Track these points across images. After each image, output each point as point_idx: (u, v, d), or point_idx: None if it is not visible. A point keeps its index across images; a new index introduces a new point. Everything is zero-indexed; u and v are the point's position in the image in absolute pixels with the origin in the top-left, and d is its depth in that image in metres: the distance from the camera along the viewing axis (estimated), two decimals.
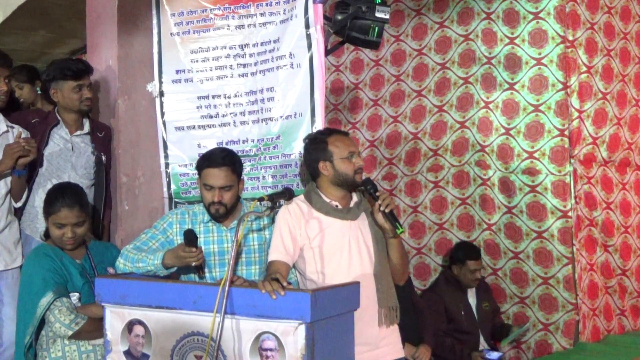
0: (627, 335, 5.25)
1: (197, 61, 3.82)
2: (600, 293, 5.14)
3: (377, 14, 3.83)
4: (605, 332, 5.14)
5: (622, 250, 5.33)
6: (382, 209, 2.95)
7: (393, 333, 3.08)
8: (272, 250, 2.98)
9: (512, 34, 5.03)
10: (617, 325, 5.27)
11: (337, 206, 3.03)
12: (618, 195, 5.34)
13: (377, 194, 2.99)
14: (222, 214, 3.08)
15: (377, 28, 3.86)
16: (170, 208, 3.81)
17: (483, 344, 4.66)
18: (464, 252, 4.81)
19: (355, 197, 3.12)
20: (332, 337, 2.70)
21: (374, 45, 4.00)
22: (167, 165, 3.83)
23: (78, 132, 3.83)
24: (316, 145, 3.07)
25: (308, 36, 3.63)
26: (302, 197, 3.09)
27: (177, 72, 3.84)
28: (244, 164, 3.31)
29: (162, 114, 3.85)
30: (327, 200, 3.03)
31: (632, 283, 5.39)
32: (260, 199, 2.95)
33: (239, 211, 3.15)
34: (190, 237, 2.83)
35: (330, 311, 2.66)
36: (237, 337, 2.61)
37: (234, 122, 3.75)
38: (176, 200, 3.81)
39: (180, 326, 2.72)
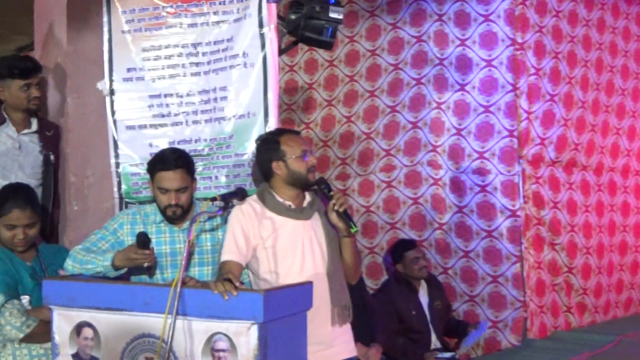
0: (573, 331, 5.37)
1: (149, 59, 3.77)
2: (547, 290, 5.25)
3: (331, 14, 3.84)
4: (552, 328, 5.25)
5: (568, 249, 5.46)
6: (336, 208, 2.97)
7: (346, 332, 3.10)
8: (225, 251, 2.97)
9: (463, 35, 5.10)
10: (564, 322, 5.40)
11: (290, 206, 3.03)
12: (565, 195, 5.47)
13: (331, 193, 3.00)
14: (179, 215, 3.05)
15: (330, 28, 3.87)
16: (121, 208, 3.75)
17: (435, 343, 4.70)
18: (400, 247, 4.85)
19: (308, 197, 3.12)
20: (285, 337, 2.70)
21: (328, 46, 4.01)
22: (117, 164, 3.77)
23: (26, 131, 3.75)
24: (269, 145, 3.06)
25: (262, 35, 3.62)
26: (255, 197, 3.08)
27: (129, 70, 3.79)
28: (196, 164, 3.29)
29: (113, 113, 3.78)
30: (281, 200, 3.03)
31: (578, 280, 5.52)
32: (213, 199, 2.93)
33: (192, 212, 3.13)
34: (143, 240, 2.79)
35: (283, 311, 2.66)
36: (189, 338, 2.60)
37: (186, 122, 3.71)
38: (127, 200, 3.75)
39: (130, 328, 2.69)
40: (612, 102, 5.92)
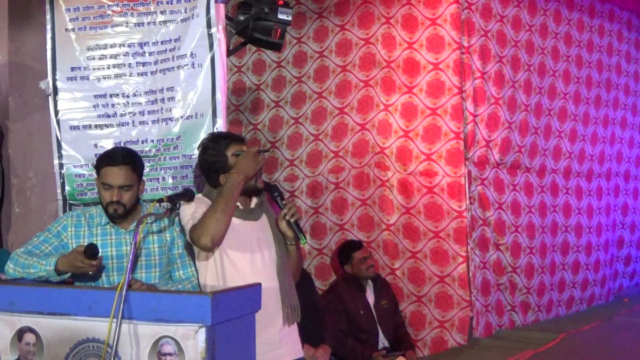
0: (517, 330, 5.48)
1: (93, 59, 3.70)
2: (492, 290, 5.34)
3: (280, 16, 3.85)
4: (497, 327, 5.35)
5: (512, 249, 5.56)
6: (287, 218, 2.96)
7: (293, 333, 3.10)
8: (191, 222, 2.88)
9: (411, 39, 5.16)
10: (508, 321, 5.50)
11: (238, 206, 3.01)
12: (509, 196, 5.57)
13: (284, 202, 3.00)
14: (120, 214, 3.00)
15: (279, 30, 3.87)
16: (64, 210, 3.67)
17: (383, 342, 4.74)
18: (347, 249, 4.88)
19: (255, 198, 3.11)
20: (234, 339, 2.68)
21: (276, 47, 4.01)
22: (61, 165, 3.69)
23: None
24: (214, 158, 3.00)
25: (210, 36, 3.61)
26: (201, 196, 3.04)
27: (73, 69, 3.72)
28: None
29: (56, 113, 3.71)
30: None
31: (521, 280, 5.64)
32: (160, 200, 2.89)
33: (139, 213, 3.08)
34: (92, 252, 2.74)
35: (231, 313, 2.64)
36: (135, 343, 2.55)
37: (133, 122, 3.66)
38: (71, 202, 3.68)
39: (74, 333, 2.63)
40: (554, 105, 6.07)
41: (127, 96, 3.67)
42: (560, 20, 6.10)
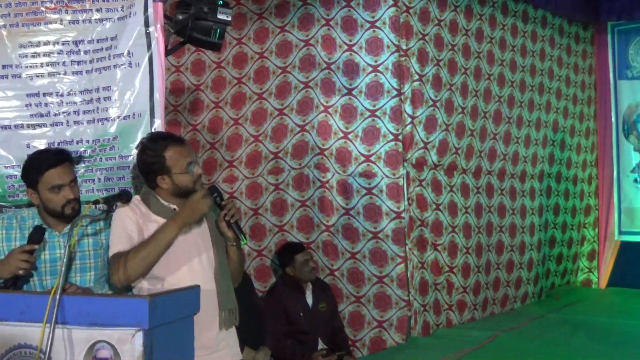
0: (454, 328, 5.59)
1: (26, 56, 3.60)
2: (430, 289, 5.42)
3: (219, 16, 3.82)
4: (435, 326, 5.43)
5: (449, 249, 5.66)
6: (227, 219, 2.94)
7: (231, 336, 3.08)
8: (116, 243, 2.85)
9: (350, 41, 5.19)
10: (445, 320, 5.60)
11: (175, 209, 2.97)
12: (446, 197, 5.67)
13: (223, 203, 2.97)
14: (77, 210, 2.93)
15: (218, 30, 3.84)
16: None
17: (321, 344, 4.75)
18: (289, 251, 4.88)
19: None
20: (171, 343, 2.65)
21: (216, 47, 3.98)
22: None
23: None
24: (153, 159, 2.95)
25: (147, 35, 3.56)
26: (138, 198, 3.00)
27: (4, 67, 3.60)
28: (77, 166, 3.18)
29: None
30: (166, 204, 2.96)
31: (458, 279, 5.74)
32: (96, 202, 2.83)
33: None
34: (38, 236, 2.69)
35: (169, 316, 2.60)
36: (69, 348, 2.50)
37: (67, 122, 3.57)
38: (2, 204, 3.57)
39: (6, 339, 2.55)
40: (490, 108, 6.20)
41: (62, 95, 3.58)
42: (495, 25, 6.24)
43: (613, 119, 7.69)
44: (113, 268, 2.80)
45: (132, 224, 2.87)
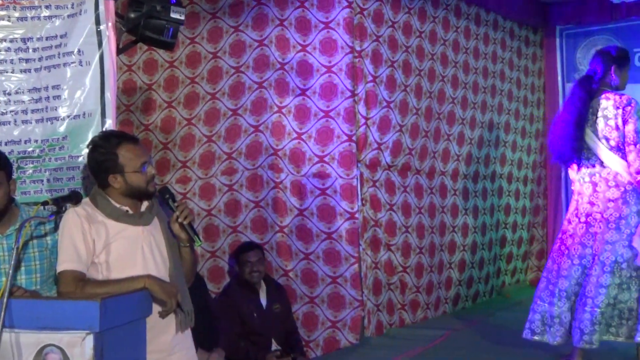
0: (407, 328, 5.64)
1: None
2: (383, 289, 5.46)
3: (172, 15, 3.78)
4: (388, 326, 5.48)
5: (403, 249, 5.71)
6: (180, 220, 2.91)
7: (187, 338, 3.05)
8: (63, 259, 2.79)
9: (304, 41, 5.20)
10: (399, 319, 5.64)
11: (127, 211, 2.92)
12: (400, 198, 5.72)
13: (176, 204, 2.94)
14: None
15: (171, 29, 3.81)
16: None
17: (275, 345, 4.74)
18: (239, 250, 4.87)
19: (146, 201, 3.03)
20: (123, 346, 2.61)
21: (169, 46, 3.95)
22: None
23: None
24: (105, 157, 2.89)
25: (98, 33, 3.52)
26: (87, 200, 2.94)
27: None
28: (25, 166, 3.11)
29: None
30: (117, 205, 2.91)
31: (411, 279, 5.79)
32: (45, 203, 2.78)
33: (15, 216, 2.93)
34: None
35: (120, 319, 2.57)
36: (17, 353, 2.44)
37: (15, 121, 3.50)
38: None
39: None
40: (443, 109, 6.27)
41: (9, 94, 3.50)
42: (448, 27, 6.31)
43: None
44: (65, 286, 2.74)
45: (79, 234, 2.80)
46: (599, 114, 4.26)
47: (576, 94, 4.35)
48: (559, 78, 7.86)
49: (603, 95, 4.28)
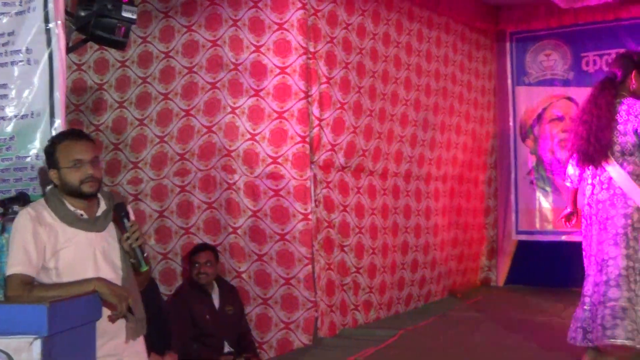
0: (360, 328, 5.67)
1: None
2: (337, 290, 5.48)
3: (124, 14, 3.73)
4: (341, 326, 5.49)
5: (356, 250, 5.74)
6: (129, 242, 2.85)
7: (138, 343, 3.01)
8: (12, 263, 2.73)
9: (258, 42, 5.18)
10: (352, 320, 5.67)
11: (82, 215, 2.87)
12: (353, 199, 5.74)
13: (130, 223, 2.88)
14: None
15: (123, 28, 3.76)
16: None
17: (227, 347, 4.71)
18: (191, 251, 4.84)
19: (103, 205, 2.97)
20: (72, 350, 2.57)
21: (120, 46, 3.90)
22: None
23: None
24: (47, 150, 2.88)
25: (47, 31, 3.46)
26: (42, 202, 2.88)
27: None
28: None
29: None
30: (72, 208, 2.85)
31: (364, 280, 5.83)
32: None
33: None
34: None
35: (69, 323, 2.53)
36: None
37: None
38: None
39: None
40: (397, 111, 6.33)
41: None
42: (401, 30, 6.37)
43: (511, 123, 8.02)
44: (13, 290, 2.68)
45: (30, 237, 2.75)
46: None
47: (603, 98, 4.30)
48: (509, 81, 8.03)
49: (620, 100, 4.31)
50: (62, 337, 2.48)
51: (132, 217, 2.94)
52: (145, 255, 2.91)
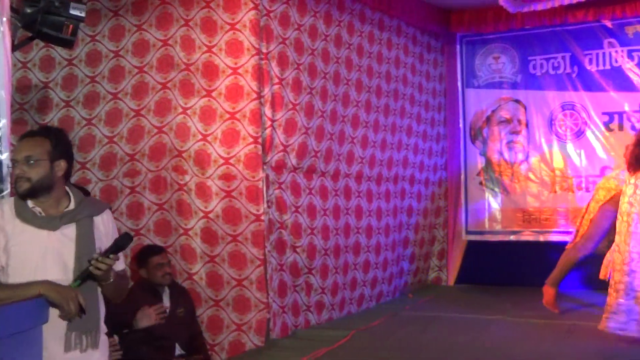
0: (312, 329, 5.67)
1: None
2: (289, 291, 5.47)
3: (72, 11, 3.66)
4: (293, 327, 5.49)
5: (308, 251, 5.74)
6: (92, 263, 2.72)
7: (101, 347, 2.91)
8: None
9: (210, 42, 5.14)
10: (304, 321, 5.67)
11: (40, 213, 2.80)
12: (305, 200, 5.75)
13: (110, 255, 2.76)
14: None
15: (71, 26, 3.68)
16: None
17: (178, 350, 4.66)
18: (145, 252, 4.76)
19: (72, 205, 2.88)
20: (16, 356, 2.50)
21: (68, 44, 3.82)
22: None
23: None
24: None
25: None
26: (13, 198, 2.85)
27: None
28: None
29: None
30: (31, 205, 2.80)
31: (317, 280, 5.83)
32: None
33: None
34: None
35: (14, 327, 2.47)
36: None
37: None
38: None
39: None
40: (348, 112, 6.35)
41: None
42: (353, 31, 6.40)
43: (461, 125, 8.13)
44: None
45: None
46: None
47: None
48: (459, 83, 8.13)
49: None
50: (6, 343, 2.41)
51: (119, 255, 2.84)
52: (94, 280, 2.80)
